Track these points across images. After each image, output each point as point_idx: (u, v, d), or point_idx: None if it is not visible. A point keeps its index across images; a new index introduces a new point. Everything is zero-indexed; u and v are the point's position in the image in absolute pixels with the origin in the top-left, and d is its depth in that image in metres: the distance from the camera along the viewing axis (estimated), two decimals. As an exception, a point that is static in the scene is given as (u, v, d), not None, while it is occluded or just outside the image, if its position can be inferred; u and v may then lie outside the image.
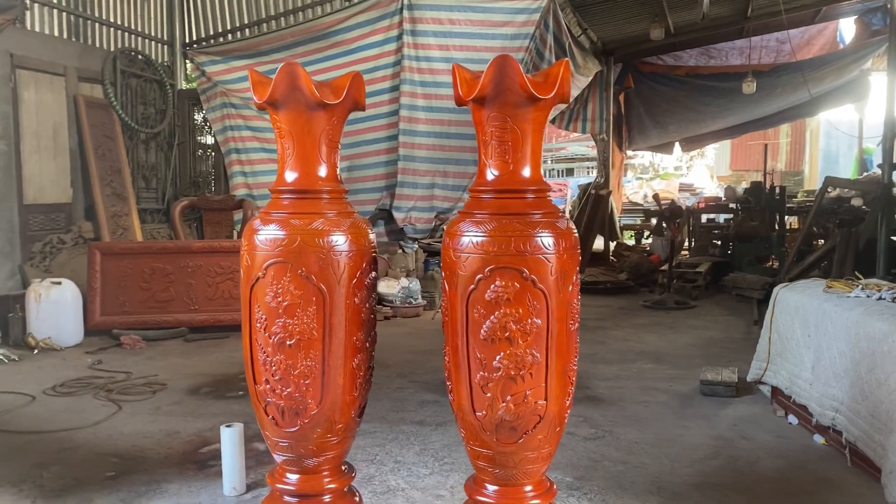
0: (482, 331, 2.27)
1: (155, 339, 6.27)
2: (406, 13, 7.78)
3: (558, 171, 21.57)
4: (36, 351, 5.83)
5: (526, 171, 2.34)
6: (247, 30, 8.90)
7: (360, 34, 7.73)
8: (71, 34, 7.51)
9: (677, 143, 14.79)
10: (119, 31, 8.19)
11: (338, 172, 2.56)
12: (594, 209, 11.34)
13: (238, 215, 7.70)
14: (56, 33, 7.29)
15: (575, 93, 10.33)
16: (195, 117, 9.09)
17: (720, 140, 16.55)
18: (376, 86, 7.74)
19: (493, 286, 2.25)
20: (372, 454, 3.64)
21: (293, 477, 2.51)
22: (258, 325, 2.41)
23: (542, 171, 2.41)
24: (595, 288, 9.18)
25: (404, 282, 7.82)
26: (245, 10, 8.94)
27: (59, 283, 6.09)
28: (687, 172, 19.96)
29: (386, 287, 7.64)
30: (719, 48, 12.22)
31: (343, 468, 2.60)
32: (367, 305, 2.49)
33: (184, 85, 9.26)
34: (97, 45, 7.92)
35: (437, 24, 7.86)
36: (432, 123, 7.77)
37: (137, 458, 3.61)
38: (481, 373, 2.29)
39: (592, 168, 18.08)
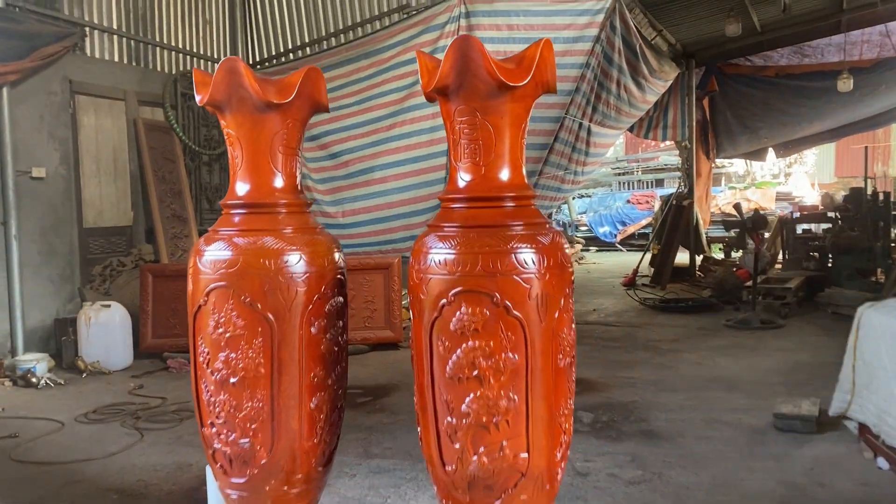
0: (447, 367, 1.89)
1: (203, 363, 6.14)
2: (463, 21, 7.48)
3: (646, 181, 20.69)
4: (84, 374, 5.80)
5: (503, 175, 1.96)
6: (307, 48, 8.84)
7: (401, 49, 7.43)
8: (131, 59, 7.61)
9: (771, 149, 13.82)
10: (180, 55, 8.26)
11: (298, 182, 2.24)
12: (675, 221, 10.66)
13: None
14: (116, 58, 7.39)
15: (653, 98, 9.73)
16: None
17: (819, 144, 15.37)
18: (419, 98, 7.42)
19: (458, 313, 1.87)
20: (384, 495, 3.28)
21: (250, 533, 2.19)
22: (202, 359, 2.11)
23: (523, 173, 2.01)
24: (675, 306, 8.53)
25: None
26: (306, 29, 8.88)
27: (109, 307, 6.07)
28: (785, 181, 18.70)
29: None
30: (814, 45, 11.27)
31: (309, 524, 2.26)
32: (329, 336, 2.16)
33: (248, 106, 9.27)
34: (157, 68, 8.00)
35: (495, 31, 7.51)
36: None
37: (138, 496, 3.39)
38: (448, 418, 1.90)
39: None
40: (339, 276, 2.21)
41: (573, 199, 18.05)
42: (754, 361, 5.85)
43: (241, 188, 2.17)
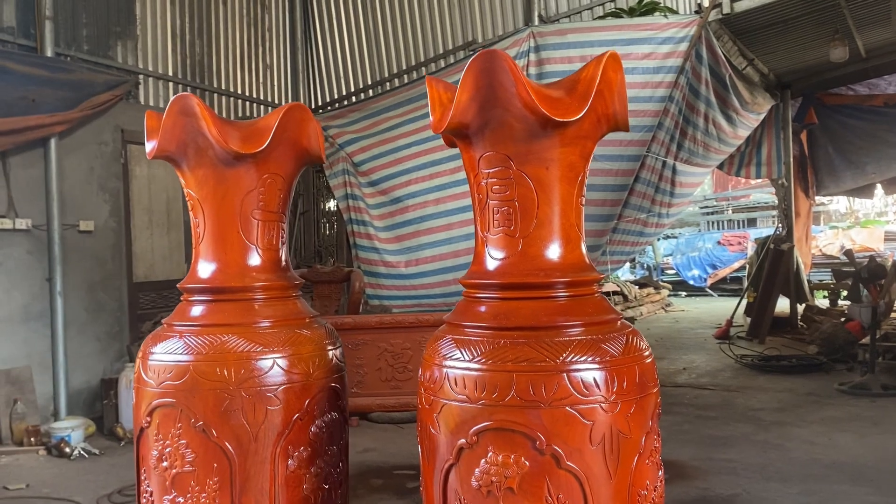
0: (469, 543, 1.26)
1: (250, 429, 5.67)
2: (532, 56, 6.93)
3: (738, 221, 19.49)
4: (123, 443, 5.41)
5: (550, 251, 1.34)
6: (370, 90, 8.48)
7: None
8: (188, 106, 7.40)
9: (879, 185, 12.62)
10: (239, 101, 8.01)
11: (282, 257, 1.68)
12: (774, 266, 9.67)
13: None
14: (172, 106, 7.17)
15: (744, 133, 8.91)
16: (320, 185, 8.73)
17: (935, 179, 14.00)
18: None
19: (483, 462, 1.24)
20: None
21: None
22: (143, 500, 1.56)
23: (582, 248, 1.38)
24: (777, 365, 7.58)
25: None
26: (369, 70, 8.54)
27: (151, 368, 5.69)
28: (894, 219, 17.20)
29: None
30: (927, 70, 10.23)
31: None
32: (316, 470, 1.56)
33: (311, 151, 8.96)
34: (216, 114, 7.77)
35: (567, 64, 6.92)
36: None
37: None
38: None
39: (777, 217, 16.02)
40: (333, 385, 1.62)
41: (658, 240, 17.10)
42: (881, 440, 4.92)
43: (204, 268, 1.63)
